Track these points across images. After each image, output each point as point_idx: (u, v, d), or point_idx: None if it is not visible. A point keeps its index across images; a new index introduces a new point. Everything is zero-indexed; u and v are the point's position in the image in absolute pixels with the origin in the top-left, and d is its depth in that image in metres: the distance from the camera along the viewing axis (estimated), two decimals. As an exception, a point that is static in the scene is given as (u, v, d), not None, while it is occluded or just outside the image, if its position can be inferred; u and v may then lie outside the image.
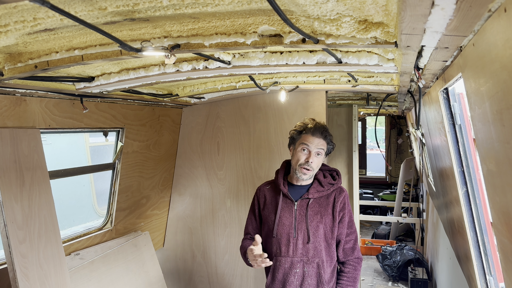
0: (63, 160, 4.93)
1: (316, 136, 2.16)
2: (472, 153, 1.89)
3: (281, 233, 2.21)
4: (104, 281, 2.93)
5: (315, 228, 2.18)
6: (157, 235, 3.92)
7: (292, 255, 2.19)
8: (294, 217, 2.20)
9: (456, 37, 1.12)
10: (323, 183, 2.23)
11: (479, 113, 1.20)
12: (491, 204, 1.38)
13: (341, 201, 2.22)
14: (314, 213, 2.19)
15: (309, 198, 2.20)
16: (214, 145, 3.83)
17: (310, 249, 2.18)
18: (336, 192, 2.24)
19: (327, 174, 2.29)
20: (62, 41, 1.57)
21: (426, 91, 2.31)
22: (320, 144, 2.16)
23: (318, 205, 2.21)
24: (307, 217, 2.18)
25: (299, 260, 2.19)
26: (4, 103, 2.08)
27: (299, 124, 2.25)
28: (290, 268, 2.19)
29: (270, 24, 1.44)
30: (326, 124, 2.23)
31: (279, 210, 2.23)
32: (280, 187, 2.24)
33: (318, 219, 2.19)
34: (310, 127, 2.18)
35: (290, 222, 2.21)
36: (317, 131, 2.16)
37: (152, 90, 2.84)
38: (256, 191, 2.42)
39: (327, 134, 2.19)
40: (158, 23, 1.45)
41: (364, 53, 1.85)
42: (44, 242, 2.30)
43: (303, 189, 2.24)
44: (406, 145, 9.51)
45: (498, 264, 1.72)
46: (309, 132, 2.17)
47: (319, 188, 2.22)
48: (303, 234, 2.18)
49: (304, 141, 2.16)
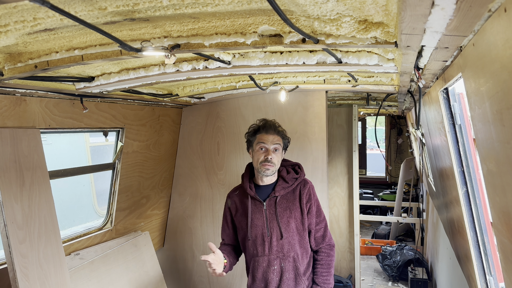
0: (63, 160, 4.93)
1: (270, 133, 2.25)
2: (472, 153, 1.89)
3: (255, 234, 2.29)
4: (104, 281, 2.93)
5: (286, 223, 2.25)
6: (157, 235, 3.92)
7: (268, 254, 2.27)
8: (265, 217, 2.28)
9: (456, 37, 1.12)
10: (286, 179, 2.30)
11: (479, 113, 1.20)
12: (491, 204, 1.38)
13: (306, 192, 2.30)
14: (283, 209, 2.27)
15: (276, 196, 2.28)
16: (214, 145, 3.83)
17: (285, 244, 2.25)
18: (301, 185, 2.32)
19: (290, 169, 2.36)
20: (62, 41, 1.57)
21: (426, 91, 2.31)
22: (276, 140, 2.25)
23: (285, 200, 2.29)
24: (277, 214, 2.26)
25: (275, 257, 2.26)
26: (4, 103, 2.08)
27: (251, 125, 2.34)
28: (268, 266, 2.27)
29: (270, 24, 1.44)
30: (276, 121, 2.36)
31: (249, 213, 2.29)
32: (247, 191, 2.31)
33: (288, 214, 2.26)
34: (262, 125, 2.29)
35: (262, 222, 2.28)
36: (270, 129, 2.26)
37: (152, 90, 2.84)
38: (226, 200, 2.49)
39: (280, 129, 2.30)
40: (158, 23, 1.45)
41: (364, 53, 1.85)
42: (44, 242, 2.30)
43: (269, 188, 2.32)
44: (406, 145, 9.50)
45: (498, 264, 1.72)
46: (263, 131, 2.27)
47: (284, 184, 2.29)
48: (276, 231, 2.25)
49: (260, 140, 2.25)
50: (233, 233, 2.47)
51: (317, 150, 3.47)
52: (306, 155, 3.51)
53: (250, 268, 2.34)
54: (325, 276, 2.33)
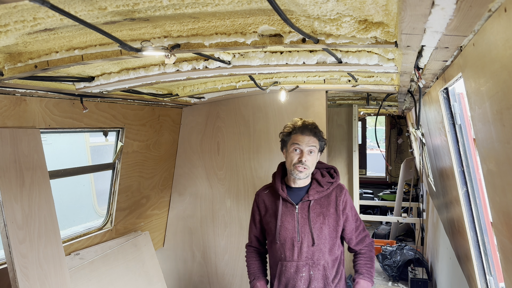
0: (64, 160, 4.93)
1: (306, 135, 2.12)
2: (472, 153, 1.89)
3: (284, 238, 2.18)
4: (104, 281, 2.93)
5: (319, 230, 2.14)
6: (157, 235, 3.92)
7: (297, 259, 2.16)
8: (296, 221, 2.17)
9: (456, 37, 1.12)
10: (321, 182, 2.19)
11: (479, 113, 1.20)
12: (491, 204, 1.38)
13: (343, 199, 2.19)
14: (317, 215, 2.16)
15: (309, 200, 2.17)
16: (214, 145, 3.83)
17: (316, 251, 2.15)
18: (336, 190, 2.21)
19: (325, 173, 2.26)
20: (62, 41, 1.57)
21: (426, 91, 2.31)
22: (311, 142, 2.12)
23: (319, 206, 2.18)
24: (309, 219, 2.14)
25: (304, 263, 2.16)
26: (4, 103, 2.08)
27: (287, 125, 2.21)
28: (296, 273, 2.16)
29: (270, 24, 1.44)
30: (314, 122, 2.22)
31: (279, 215, 2.19)
32: (279, 192, 2.20)
33: (321, 220, 2.15)
34: (299, 126, 2.15)
35: (293, 226, 2.17)
36: (306, 129, 2.13)
37: (152, 90, 2.84)
38: (255, 198, 2.39)
39: (316, 131, 2.16)
40: (158, 23, 1.44)
41: (364, 53, 1.85)
42: (44, 242, 2.30)
43: (302, 191, 2.21)
44: (406, 145, 9.50)
45: (498, 264, 1.72)
46: (299, 132, 2.14)
47: (319, 188, 2.19)
48: (307, 237, 2.14)
49: (295, 141, 2.13)
50: (260, 233, 2.40)
51: (317, 150, 3.47)
52: (306, 155, 3.50)
53: (276, 271, 2.24)
54: (368, 267, 2.26)
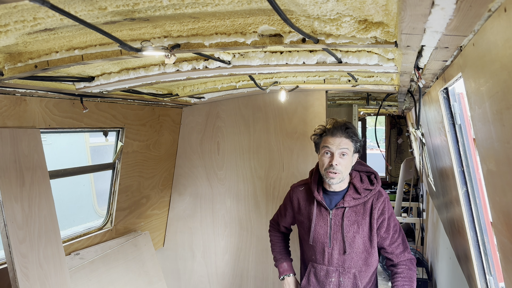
0: (63, 160, 4.93)
1: (336, 136, 1.99)
2: (472, 153, 1.89)
3: (315, 241, 2.13)
4: (104, 281, 2.93)
5: (351, 239, 2.05)
6: (157, 235, 3.92)
7: (327, 264, 2.12)
8: (329, 226, 2.08)
9: (456, 37, 1.12)
10: (359, 189, 2.07)
11: (479, 113, 1.20)
12: (491, 204, 1.38)
13: (379, 207, 2.06)
14: (351, 223, 2.06)
15: (344, 207, 2.07)
16: (214, 145, 3.83)
17: (347, 259, 2.08)
18: (373, 198, 2.07)
19: (364, 178, 2.12)
20: (62, 41, 1.57)
21: (426, 91, 2.31)
22: (343, 144, 1.98)
23: (354, 213, 2.07)
24: (343, 227, 2.06)
25: (334, 269, 2.11)
26: (4, 103, 2.08)
27: (318, 127, 2.10)
28: (326, 277, 2.13)
29: (270, 24, 1.44)
30: (349, 122, 2.08)
31: (313, 219, 2.11)
32: (314, 194, 2.11)
33: (355, 229, 2.05)
34: (329, 127, 2.03)
35: (325, 231, 2.09)
36: (337, 131, 2.00)
37: (152, 90, 2.84)
38: (290, 192, 2.31)
39: (349, 131, 2.01)
40: (158, 23, 1.45)
41: (364, 53, 1.85)
42: (44, 242, 2.30)
43: (338, 195, 2.10)
44: (406, 145, 9.50)
45: (498, 264, 1.72)
46: (329, 134, 2.02)
47: (355, 195, 2.06)
48: (339, 244, 2.08)
49: (325, 144, 2.01)
50: (289, 224, 2.38)
51: (317, 150, 3.48)
52: (306, 155, 3.51)
53: (307, 269, 2.22)
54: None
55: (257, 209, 3.73)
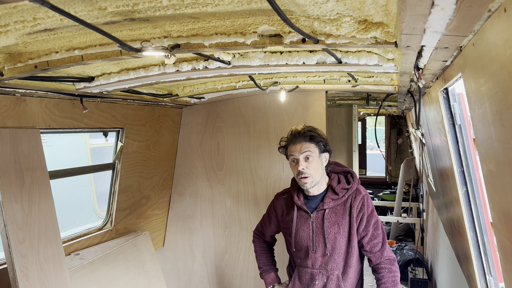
0: (63, 161, 4.92)
1: (297, 143, 2.05)
2: (472, 153, 1.89)
3: (300, 246, 2.17)
4: (104, 281, 2.93)
5: (333, 240, 2.09)
6: (157, 235, 3.92)
7: (311, 267, 2.16)
8: (311, 230, 2.13)
9: (456, 37, 1.12)
10: (336, 189, 2.10)
11: (479, 113, 1.20)
12: (491, 204, 1.38)
13: (357, 205, 2.08)
14: (331, 224, 2.09)
15: (324, 209, 2.11)
16: (214, 145, 3.83)
17: (329, 261, 2.11)
18: (352, 196, 2.11)
19: (342, 178, 2.16)
20: (62, 41, 1.57)
21: (426, 91, 2.31)
22: (304, 148, 2.04)
23: (334, 214, 2.10)
24: (323, 229, 2.09)
25: (318, 272, 2.14)
26: (4, 103, 2.08)
27: (281, 139, 2.16)
28: (311, 280, 2.16)
29: (270, 24, 1.44)
30: (309, 125, 2.13)
31: (294, 224, 2.17)
32: (294, 199, 2.17)
33: (336, 230, 2.09)
34: (289, 137, 2.10)
35: (308, 235, 2.14)
36: (296, 138, 2.06)
37: (152, 90, 2.84)
38: (274, 200, 2.38)
39: (309, 134, 2.06)
40: (158, 23, 1.45)
41: (364, 53, 1.85)
42: (44, 242, 2.30)
43: (318, 199, 2.14)
44: (406, 145, 9.50)
45: (498, 264, 1.72)
46: (291, 142, 2.08)
47: (334, 196, 2.10)
48: (321, 247, 2.11)
49: (290, 153, 2.08)
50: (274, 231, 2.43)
51: (317, 150, 3.47)
52: (306, 155, 3.51)
53: (294, 272, 2.27)
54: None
55: (257, 210, 3.72)
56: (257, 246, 2.52)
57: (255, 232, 2.55)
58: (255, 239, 2.54)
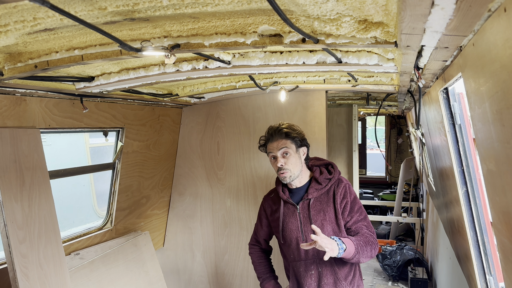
0: (63, 161, 4.92)
1: (274, 140, 2.15)
2: (472, 153, 1.89)
3: (290, 239, 2.22)
4: (104, 281, 2.93)
5: (320, 227, 2.14)
6: (157, 235, 3.92)
7: (304, 258, 2.20)
8: (299, 221, 2.20)
9: (456, 37, 1.12)
10: (319, 180, 2.20)
11: (479, 113, 1.20)
12: (491, 204, 1.38)
13: (340, 192, 2.18)
14: (317, 212, 2.17)
15: (309, 199, 2.19)
16: (214, 145, 3.83)
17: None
18: (334, 185, 2.21)
19: (323, 169, 2.26)
20: (62, 41, 1.57)
21: (426, 91, 2.31)
22: (281, 144, 2.13)
23: (319, 203, 2.19)
24: (310, 218, 2.17)
25: (311, 261, 2.19)
26: (4, 103, 2.08)
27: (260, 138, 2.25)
28: (306, 271, 2.20)
29: (270, 24, 1.44)
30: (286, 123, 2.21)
31: (281, 217, 2.24)
32: (280, 194, 2.25)
33: (322, 216, 2.16)
34: (266, 136, 2.20)
35: (296, 227, 2.21)
36: (273, 135, 2.16)
37: (152, 90, 2.84)
38: (262, 202, 2.46)
39: (284, 131, 2.14)
40: (158, 23, 1.45)
41: (364, 53, 1.85)
42: (44, 242, 2.30)
43: (302, 190, 2.23)
44: (406, 145, 9.50)
45: (498, 264, 1.72)
46: (269, 141, 2.18)
47: (317, 186, 2.20)
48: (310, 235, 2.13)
49: (269, 151, 2.17)
50: (268, 235, 2.47)
51: (317, 150, 3.47)
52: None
53: (290, 272, 2.30)
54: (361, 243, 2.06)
55: (257, 209, 3.72)
56: (254, 256, 2.54)
57: (250, 244, 2.57)
58: (251, 250, 2.55)
